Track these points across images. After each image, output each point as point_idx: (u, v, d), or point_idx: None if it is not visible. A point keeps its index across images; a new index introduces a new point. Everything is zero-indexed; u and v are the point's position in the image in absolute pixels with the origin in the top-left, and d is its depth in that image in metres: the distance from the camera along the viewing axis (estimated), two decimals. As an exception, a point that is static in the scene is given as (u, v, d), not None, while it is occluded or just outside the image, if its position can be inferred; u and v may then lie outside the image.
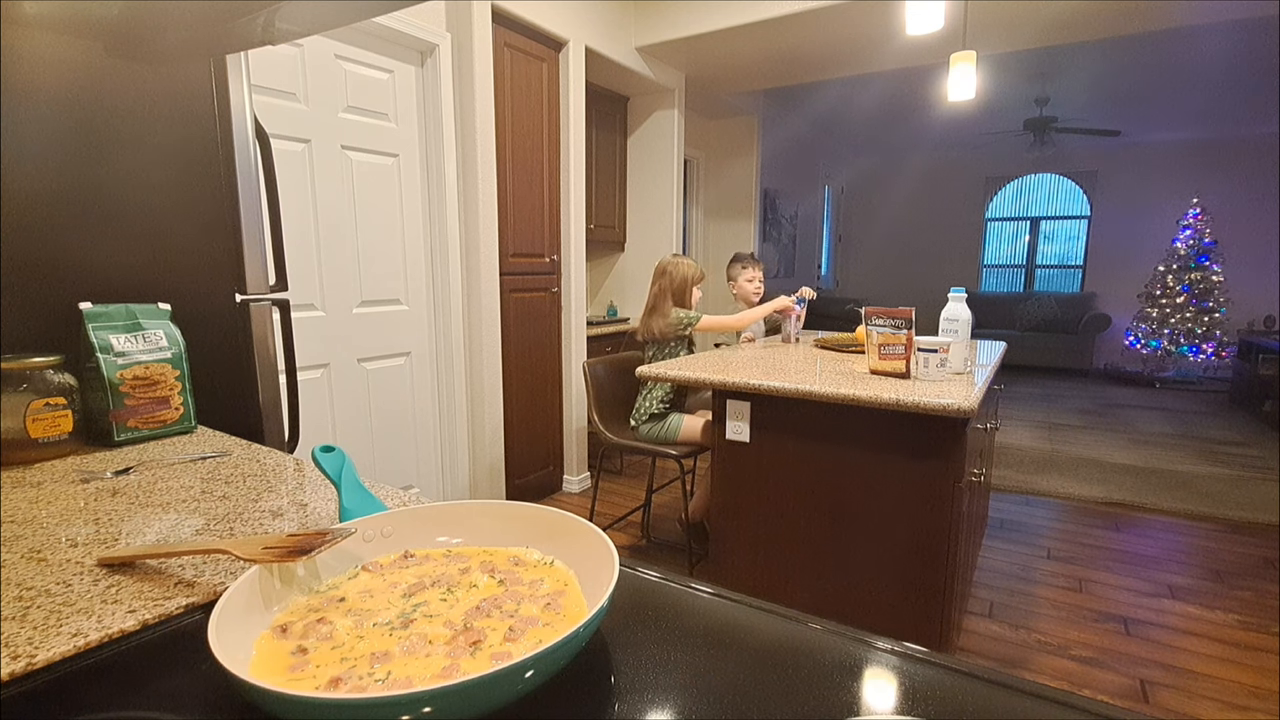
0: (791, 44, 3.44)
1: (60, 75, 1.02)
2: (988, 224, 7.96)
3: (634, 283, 4.28)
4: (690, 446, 2.38)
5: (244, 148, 1.25)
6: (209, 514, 0.72)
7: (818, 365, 2.04)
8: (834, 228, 8.47)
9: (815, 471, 1.74)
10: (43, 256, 1.02)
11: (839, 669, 0.47)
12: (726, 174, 5.34)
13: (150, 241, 1.15)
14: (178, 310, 1.12)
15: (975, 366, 1.98)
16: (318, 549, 0.51)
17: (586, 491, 3.39)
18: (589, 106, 3.64)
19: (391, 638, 0.46)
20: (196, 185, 1.21)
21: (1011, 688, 0.45)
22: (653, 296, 2.65)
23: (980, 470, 2.03)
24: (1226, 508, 3.15)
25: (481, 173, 2.69)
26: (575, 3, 3.06)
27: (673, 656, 0.48)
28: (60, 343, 1.00)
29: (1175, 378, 6.48)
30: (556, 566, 0.56)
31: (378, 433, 2.60)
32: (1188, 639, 2.06)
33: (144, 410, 1.02)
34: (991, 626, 2.13)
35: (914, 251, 8.36)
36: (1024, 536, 2.84)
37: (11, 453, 0.89)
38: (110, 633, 0.49)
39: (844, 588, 1.74)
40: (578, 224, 3.26)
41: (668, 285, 2.62)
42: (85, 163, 1.06)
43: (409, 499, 0.75)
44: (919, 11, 2.39)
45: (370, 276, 2.50)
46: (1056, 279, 7.65)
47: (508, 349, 2.95)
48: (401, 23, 2.43)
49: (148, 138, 1.13)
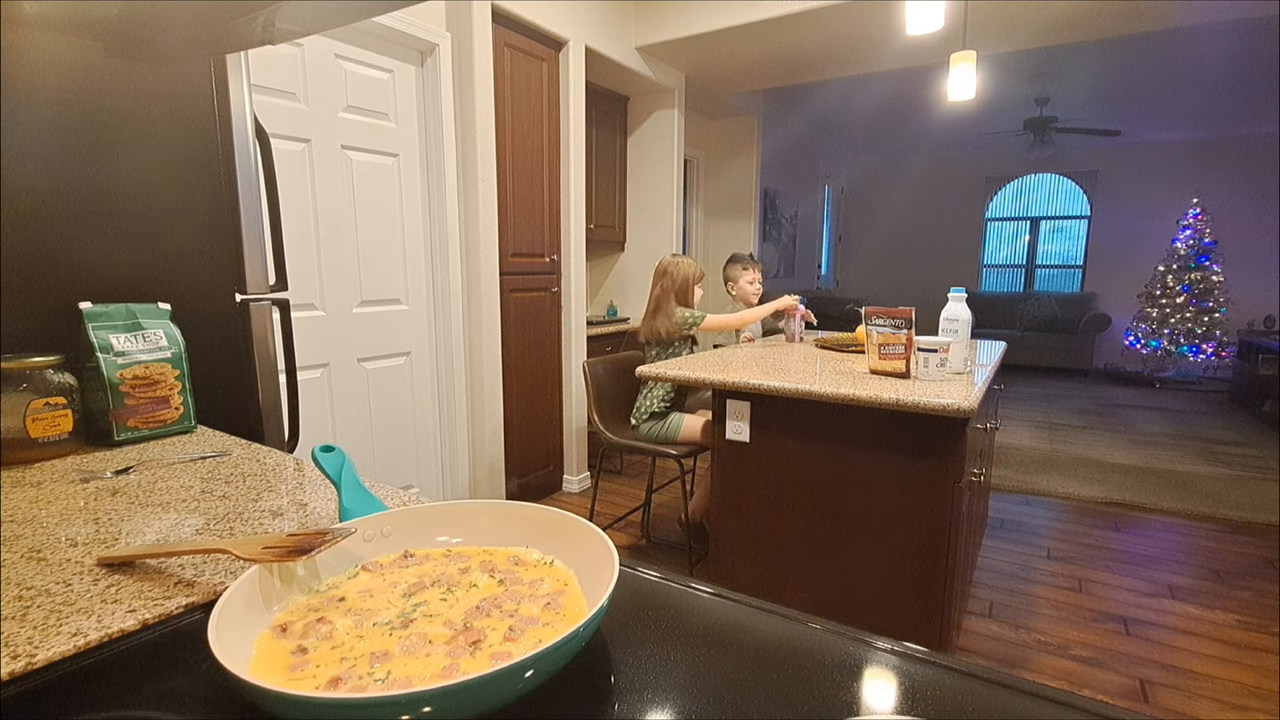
0: (791, 44, 3.44)
1: (60, 75, 1.02)
2: (988, 224, 7.96)
3: (634, 283, 4.28)
4: (690, 446, 2.38)
5: (244, 147, 1.25)
6: (209, 514, 0.72)
7: (818, 365, 2.04)
8: (834, 228, 8.47)
9: (815, 471, 1.74)
10: (43, 256, 1.02)
11: (839, 669, 0.47)
12: (726, 174, 5.34)
13: (150, 241, 1.15)
14: (178, 310, 1.12)
15: (975, 366, 1.98)
16: (318, 549, 0.51)
17: (586, 491, 3.39)
18: (589, 106, 3.64)
19: (391, 637, 0.46)
20: (196, 185, 1.21)
21: (1011, 688, 0.45)
22: (655, 298, 2.65)
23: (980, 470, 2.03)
24: (1226, 508, 3.15)
25: (481, 173, 2.69)
26: (575, 2, 3.06)
27: (673, 656, 0.48)
28: (60, 342, 1.00)
29: (1175, 378, 6.48)
30: (556, 566, 0.56)
31: (378, 433, 2.60)
32: (1188, 639, 2.06)
33: (144, 410, 1.02)
34: (991, 626, 2.13)
35: (914, 251, 8.36)
36: (1024, 536, 2.84)
37: (11, 452, 0.89)
38: (110, 632, 0.49)
39: (844, 588, 1.74)
40: (578, 224, 3.26)
41: (670, 286, 2.62)
42: (85, 162, 1.06)
43: (409, 499, 0.75)
44: (919, 11, 2.39)
45: (370, 276, 2.50)
46: (1056, 279, 7.65)
47: (508, 349, 2.95)
48: (401, 22, 2.43)
49: (148, 138, 1.13)
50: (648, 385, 2.51)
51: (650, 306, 2.67)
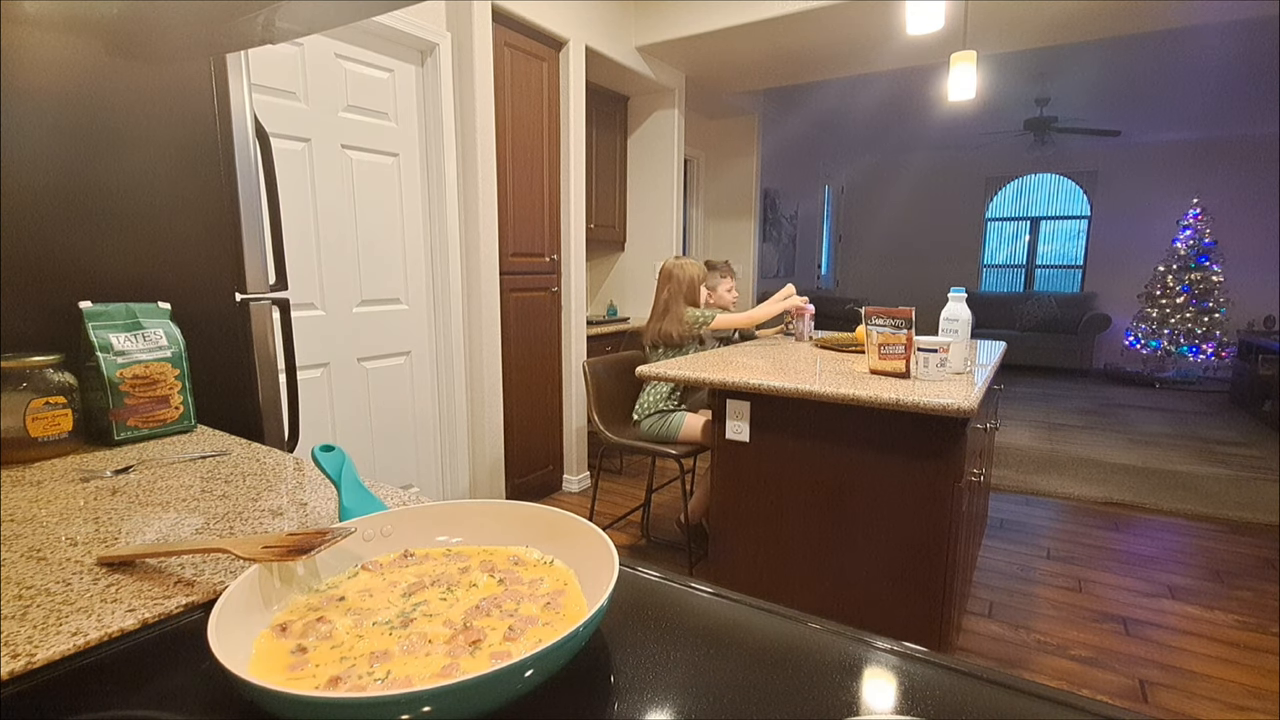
0: (791, 44, 3.44)
1: (60, 75, 1.02)
2: (988, 224, 7.96)
3: (634, 282, 4.28)
4: (690, 446, 2.38)
5: (244, 147, 1.25)
6: (209, 513, 0.72)
7: (818, 365, 2.04)
8: (834, 228, 8.47)
9: (815, 471, 1.74)
10: (43, 256, 1.02)
11: (838, 669, 0.47)
12: (726, 174, 5.34)
13: (150, 241, 1.14)
14: (178, 309, 1.12)
15: (975, 366, 1.98)
16: (317, 548, 0.51)
17: (586, 491, 3.39)
18: (589, 106, 3.64)
19: (391, 637, 0.46)
20: (196, 184, 1.21)
21: (1011, 688, 0.45)
22: (663, 301, 2.65)
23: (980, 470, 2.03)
24: (1226, 508, 3.15)
25: (481, 172, 2.69)
26: (575, 2, 3.06)
27: (672, 656, 0.48)
28: (60, 342, 1.00)
29: (1175, 378, 6.48)
30: (556, 566, 0.56)
31: (378, 432, 2.60)
32: (1187, 639, 2.06)
33: (144, 409, 1.01)
34: (991, 626, 2.13)
35: (914, 251, 8.36)
36: (1024, 536, 2.84)
37: (11, 451, 0.89)
38: (110, 631, 0.49)
39: (844, 587, 1.74)
40: (578, 223, 3.26)
41: (677, 289, 2.62)
42: (85, 162, 1.06)
43: (409, 498, 0.75)
44: (919, 11, 2.39)
45: (370, 276, 2.50)
46: (1056, 279, 7.65)
47: (508, 348, 2.95)
48: (402, 22, 2.43)
49: (148, 137, 1.13)
50: (650, 383, 2.51)
51: (658, 309, 2.67)
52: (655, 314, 2.67)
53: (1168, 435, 4.57)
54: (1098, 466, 3.82)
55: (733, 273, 2.98)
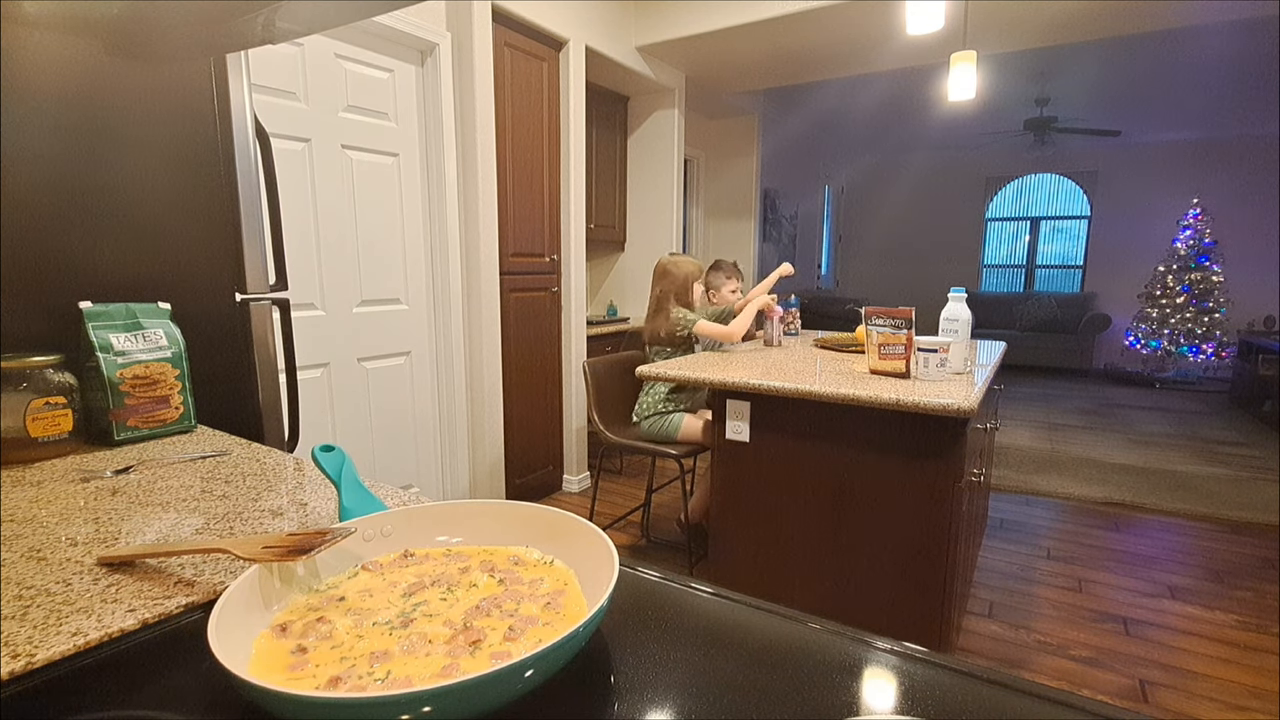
0: (791, 44, 3.44)
1: (60, 75, 1.02)
2: (988, 224, 7.96)
3: (634, 282, 4.28)
4: (690, 446, 2.38)
5: (244, 147, 1.25)
6: (209, 513, 0.72)
7: (818, 365, 2.04)
8: (834, 227, 8.47)
9: (815, 471, 1.74)
10: (43, 256, 1.02)
11: (839, 669, 0.47)
12: (726, 174, 5.34)
13: (150, 241, 1.15)
14: (178, 309, 1.12)
15: (975, 366, 1.98)
16: (317, 548, 0.51)
17: (586, 491, 3.39)
18: (589, 106, 3.64)
19: (391, 637, 0.46)
20: (196, 185, 1.21)
21: (1011, 688, 0.45)
22: (655, 299, 2.65)
23: (980, 470, 2.03)
24: (1226, 508, 3.15)
25: (481, 172, 2.69)
26: (575, 2, 3.06)
27: (672, 656, 0.48)
28: (60, 342, 1.00)
29: (1175, 378, 6.48)
30: (556, 566, 0.56)
31: (378, 432, 2.60)
32: (1187, 639, 2.06)
33: (144, 409, 1.01)
34: (991, 626, 2.13)
35: (914, 251, 8.36)
36: (1024, 536, 2.84)
37: (11, 452, 0.89)
38: (110, 632, 0.49)
39: (843, 587, 1.74)
40: (578, 223, 3.26)
41: (670, 287, 2.62)
42: (85, 162, 1.06)
43: (409, 499, 0.75)
44: (919, 11, 2.39)
45: (370, 276, 2.50)
46: (1056, 279, 7.65)
47: (508, 348, 2.95)
48: (402, 22, 2.43)
49: (148, 137, 1.13)
50: (650, 383, 2.51)
51: (651, 307, 2.67)
52: (650, 312, 2.67)
53: (1168, 435, 4.57)
54: (1098, 466, 3.81)
55: (739, 274, 2.98)
